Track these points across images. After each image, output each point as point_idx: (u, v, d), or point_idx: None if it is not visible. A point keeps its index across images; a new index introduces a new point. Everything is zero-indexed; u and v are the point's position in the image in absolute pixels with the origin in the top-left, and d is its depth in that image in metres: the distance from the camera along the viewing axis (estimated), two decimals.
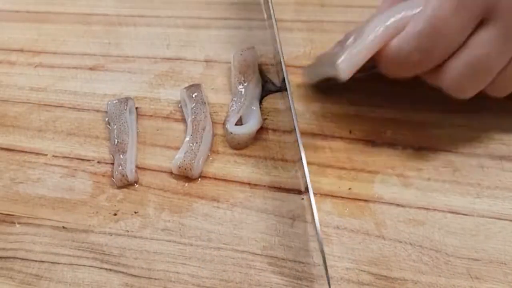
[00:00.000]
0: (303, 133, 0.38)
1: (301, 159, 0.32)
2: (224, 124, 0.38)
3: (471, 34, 0.30)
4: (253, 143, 0.38)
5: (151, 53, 0.45)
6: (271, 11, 0.38)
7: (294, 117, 0.34)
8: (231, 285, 0.31)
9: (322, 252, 0.29)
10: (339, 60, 0.33)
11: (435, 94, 0.34)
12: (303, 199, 0.35)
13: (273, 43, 0.40)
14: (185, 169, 0.36)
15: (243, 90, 0.39)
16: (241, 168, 0.37)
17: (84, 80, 0.44)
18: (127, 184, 0.36)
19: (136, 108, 0.41)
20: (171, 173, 0.37)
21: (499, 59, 0.30)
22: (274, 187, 0.36)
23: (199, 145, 0.36)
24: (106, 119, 0.40)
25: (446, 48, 0.30)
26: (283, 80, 0.36)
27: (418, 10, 0.31)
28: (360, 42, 0.33)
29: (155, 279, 0.32)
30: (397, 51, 0.32)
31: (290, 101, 0.34)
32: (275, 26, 0.37)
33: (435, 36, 0.30)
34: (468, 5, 0.29)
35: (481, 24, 0.30)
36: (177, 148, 0.37)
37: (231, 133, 0.37)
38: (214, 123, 0.39)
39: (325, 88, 0.40)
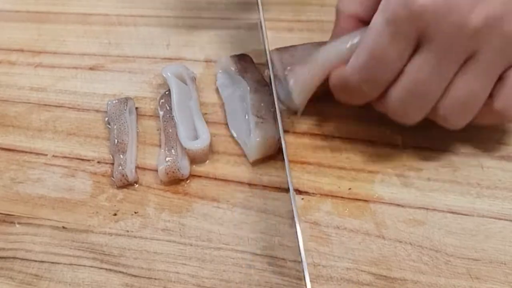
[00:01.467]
0: (303, 133, 0.38)
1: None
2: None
3: (409, 60, 0.31)
4: None
5: (151, 53, 0.45)
6: (260, 11, 0.39)
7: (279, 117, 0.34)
8: (231, 285, 0.31)
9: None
10: (293, 92, 0.35)
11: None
12: (303, 199, 0.35)
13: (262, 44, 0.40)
14: (173, 172, 0.36)
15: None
16: (241, 168, 0.37)
17: (84, 80, 0.44)
18: (127, 184, 0.36)
19: (136, 108, 0.41)
20: None
21: (435, 82, 0.31)
22: (274, 187, 0.36)
23: (176, 148, 0.37)
24: (106, 119, 0.40)
25: (388, 76, 0.32)
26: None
27: (358, 40, 0.33)
28: (310, 70, 0.35)
29: (155, 279, 0.32)
30: (345, 83, 0.34)
31: (277, 106, 0.34)
32: (263, 26, 0.38)
33: (376, 66, 0.32)
34: (402, 33, 0.30)
35: (417, 50, 0.31)
36: None
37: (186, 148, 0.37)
38: (213, 123, 0.39)
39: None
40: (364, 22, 0.35)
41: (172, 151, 0.36)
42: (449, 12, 0.30)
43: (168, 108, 0.39)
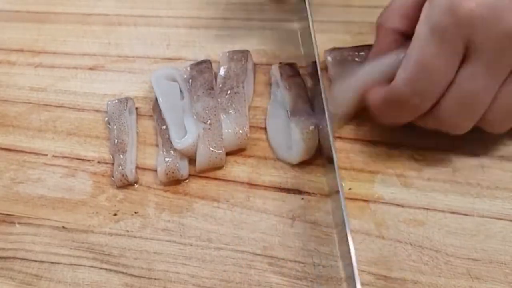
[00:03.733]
0: None
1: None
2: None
3: (458, 69, 0.30)
4: (253, 143, 0.38)
5: (151, 53, 0.45)
6: (308, 11, 0.38)
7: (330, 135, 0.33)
8: (231, 285, 0.31)
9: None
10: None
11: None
12: (303, 199, 0.35)
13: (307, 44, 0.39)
14: (172, 172, 0.36)
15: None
16: (241, 168, 0.37)
17: (84, 80, 0.44)
18: (127, 184, 0.36)
19: (136, 108, 0.41)
20: None
21: (485, 91, 0.30)
22: (274, 187, 0.36)
23: (174, 148, 0.36)
24: (106, 119, 0.40)
25: (439, 87, 0.31)
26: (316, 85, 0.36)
27: (403, 56, 0.32)
28: (352, 87, 0.35)
29: (155, 279, 0.32)
30: (393, 99, 0.32)
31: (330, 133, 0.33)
32: (311, 27, 0.37)
33: (426, 77, 0.31)
34: (448, 41, 0.30)
35: (465, 59, 0.30)
36: None
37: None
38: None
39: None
40: (405, 35, 0.34)
41: (171, 151, 0.36)
42: (496, 18, 0.28)
43: (159, 110, 0.39)
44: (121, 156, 0.37)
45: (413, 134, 0.37)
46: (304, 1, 0.39)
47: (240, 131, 0.37)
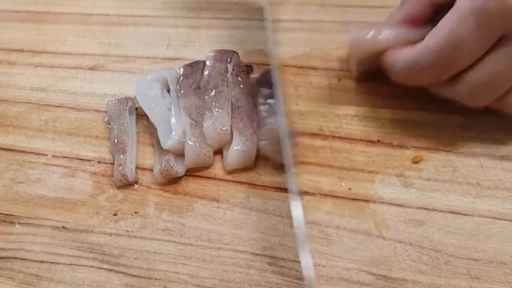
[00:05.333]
0: (303, 134, 0.38)
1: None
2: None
3: (489, 49, 0.30)
4: None
5: (151, 53, 0.45)
6: (266, 12, 0.38)
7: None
8: (231, 285, 0.31)
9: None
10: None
11: (436, 94, 0.34)
12: (303, 199, 0.35)
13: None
14: (167, 171, 0.36)
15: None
16: (241, 168, 0.37)
17: (84, 80, 0.44)
18: (127, 184, 0.36)
19: (136, 108, 0.41)
20: None
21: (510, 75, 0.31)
22: (274, 187, 0.36)
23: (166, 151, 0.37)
24: (106, 119, 0.40)
25: (462, 63, 0.31)
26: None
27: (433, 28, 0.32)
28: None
29: (155, 279, 0.32)
30: (412, 65, 0.32)
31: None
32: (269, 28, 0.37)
33: (453, 51, 0.30)
34: (489, 25, 0.29)
35: (499, 40, 0.30)
36: None
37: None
38: None
39: (328, 89, 0.40)
40: (437, 7, 0.34)
41: (164, 151, 0.36)
42: None
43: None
44: (121, 156, 0.37)
45: (413, 134, 0.37)
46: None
47: (224, 129, 0.37)
